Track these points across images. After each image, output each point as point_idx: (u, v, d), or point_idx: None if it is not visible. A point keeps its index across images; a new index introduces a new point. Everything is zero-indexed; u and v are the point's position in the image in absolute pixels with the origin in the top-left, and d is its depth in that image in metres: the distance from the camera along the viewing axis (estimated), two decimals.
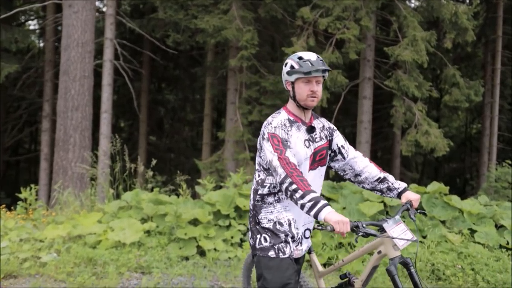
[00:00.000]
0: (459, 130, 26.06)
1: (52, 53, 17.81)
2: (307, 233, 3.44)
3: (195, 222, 7.34)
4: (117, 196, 8.72)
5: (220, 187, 12.28)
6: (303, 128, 3.31)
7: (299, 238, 3.35)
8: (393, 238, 3.15)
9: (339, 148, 3.56)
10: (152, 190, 8.53)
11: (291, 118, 3.30)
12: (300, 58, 3.21)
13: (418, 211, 3.50)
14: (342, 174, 3.66)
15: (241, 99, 14.56)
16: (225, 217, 7.48)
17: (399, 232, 3.21)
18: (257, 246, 3.30)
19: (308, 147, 3.28)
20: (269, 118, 3.31)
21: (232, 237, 7.21)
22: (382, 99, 17.91)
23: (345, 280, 3.69)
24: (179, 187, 8.54)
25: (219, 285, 5.90)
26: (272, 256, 3.23)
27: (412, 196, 3.43)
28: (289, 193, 3.01)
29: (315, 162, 3.34)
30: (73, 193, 9.10)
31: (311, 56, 3.22)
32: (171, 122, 25.29)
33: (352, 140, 19.92)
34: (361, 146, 13.81)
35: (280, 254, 3.23)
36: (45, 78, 17.69)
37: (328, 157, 3.53)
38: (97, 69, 13.75)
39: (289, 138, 3.20)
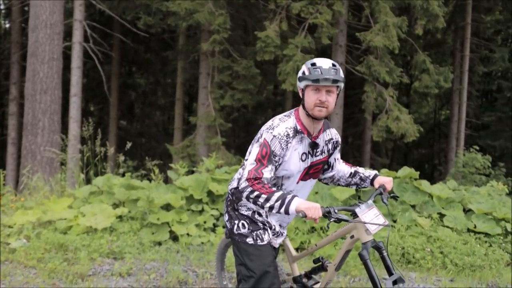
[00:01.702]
0: (428, 116, 26.45)
1: (19, 35, 17.41)
2: (281, 230, 3.44)
3: (167, 207, 7.30)
4: (88, 181, 8.59)
5: (192, 172, 12.23)
6: (307, 141, 3.18)
7: (275, 230, 3.36)
8: (365, 223, 3.17)
9: (333, 162, 3.54)
10: (123, 175, 8.43)
11: (298, 128, 3.15)
12: (313, 64, 3.04)
13: (391, 195, 3.54)
14: (318, 179, 3.63)
15: (213, 84, 14.48)
16: (198, 202, 7.45)
17: (371, 216, 3.23)
18: (235, 232, 3.29)
19: (304, 161, 3.19)
20: (275, 121, 3.17)
21: (205, 222, 7.19)
22: (353, 85, 18.02)
23: (318, 264, 3.72)
24: (151, 172, 8.47)
25: (192, 269, 5.88)
26: (250, 242, 3.23)
27: (384, 180, 3.45)
28: (251, 200, 2.98)
29: (307, 175, 3.28)
30: (42, 178, 8.95)
31: (324, 63, 3.03)
32: (142, 106, 25.03)
33: None
34: None
35: (258, 241, 3.24)
36: (11, 60, 17.32)
37: (322, 171, 3.49)
38: (66, 51, 13.46)
39: (284, 153, 3.08)
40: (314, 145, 3.22)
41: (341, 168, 3.59)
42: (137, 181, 7.94)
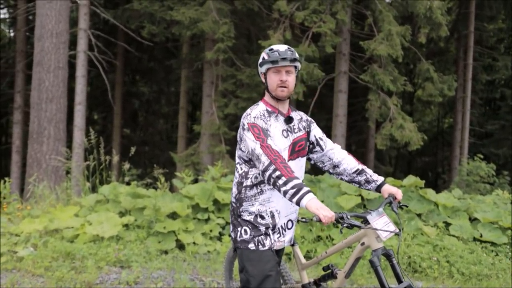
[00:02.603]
0: (431, 124, 26.44)
1: (24, 43, 17.47)
2: (290, 224, 3.45)
3: (173, 215, 7.31)
4: (93, 190, 8.61)
5: (196, 181, 12.25)
6: (281, 118, 3.37)
7: (280, 229, 3.37)
8: (377, 230, 3.19)
9: (317, 140, 3.62)
10: (129, 183, 8.45)
11: (269, 109, 3.36)
12: (270, 49, 3.29)
13: (400, 204, 3.56)
14: (321, 166, 3.70)
15: (217, 92, 14.52)
16: (204, 210, 7.46)
17: (382, 224, 3.25)
18: (238, 239, 3.33)
19: (286, 137, 3.34)
20: (248, 110, 3.35)
21: (211, 231, 7.20)
22: (357, 93, 18.05)
23: (328, 272, 3.73)
24: (156, 180, 8.48)
25: (199, 278, 5.89)
26: (252, 248, 3.26)
27: (393, 190, 3.49)
28: (272, 180, 3.02)
29: (294, 153, 3.38)
30: (48, 186, 8.96)
31: (280, 47, 3.30)
32: (146, 114, 25.06)
33: (327, 133, 19.92)
34: (336, 139, 13.90)
35: (260, 246, 3.26)
36: (16, 69, 17.37)
37: (307, 149, 3.58)
38: (71, 60, 13.53)
39: (269, 128, 3.26)
40: (289, 120, 3.39)
41: (345, 159, 3.62)
42: (143, 189, 7.96)
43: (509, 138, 20.87)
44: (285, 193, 2.97)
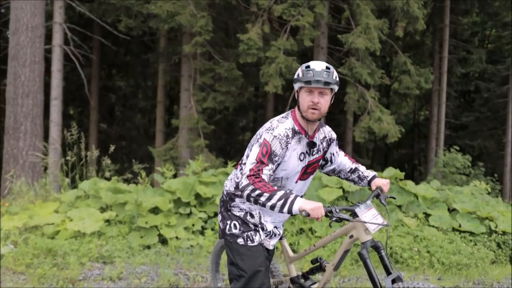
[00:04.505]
0: (407, 117, 26.74)
1: None
2: (276, 230, 3.46)
3: (155, 210, 7.27)
4: (72, 185, 8.51)
5: (175, 175, 12.19)
6: (304, 141, 3.23)
7: (269, 231, 3.38)
8: (366, 222, 3.22)
9: (331, 157, 3.59)
10: (109, 178, 8.37)
11: (296, 128, 3.19)
12: (307, 66, 3.10)
13: (388, 196, 3.60)
14: (319, 169, 3.68)
15: (195, 86, 14.45)
16: (186, 205, 7.44)
17: (370, 217, 3.27)
18: (227, 232, 3.32)
19: (302, 161, 3.24)
20: (274, 122, 3.20)
21: (193, 225, 7.18)
22: None
23: (316, 264, 3.75)
24: (136, 175, 8.42)
25: (183, 272, 5.88)
26: (241, 243, 3.26)
27: (381, 182, 3.52)
28: (252, 199, 2.98)
29: (305, 174, 3.33)
30: (26, 183, 8.82)
31: (317, 65, 3.09)
32: (123, 109, 24.82)
33: None
34: None
35: (249, 242, 3.26)
36: None
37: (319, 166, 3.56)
38: (46, 54, 13.30)
39: (284, 153, 3.12)
40: (311, 145, 3.27)
41: (343, 160, 3.66)
42: (123, 184, 7.90)
43: (483, 130, 21.24)
44: (272, 207, 2.93)
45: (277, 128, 3.13)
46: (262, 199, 2.93)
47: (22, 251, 6.08)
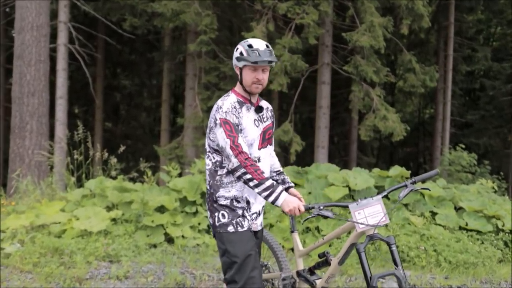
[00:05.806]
0: (412, 115, 26.62)
1: (2, 37, 17.19)
2: (261, 210, 3.62)
3: (161, 209, 7.28)
4: (78, 184, 8.52)
5: (181, 174, 12.19)
6: (252, 108, 3.47)
7: (255, 213, 3.52)
8: (348, 220, 3.38)
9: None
10: (115, 177, 8.38)
11: (240, 100, 3.44)
12: (250, 46, 3.34)
13: (418, 188, 3.71)
14: None
15: (200, 85, 14.44)
16: (192, 203, 7.45)
17: (366, 214, 3.31)
18: (217, 224, 3.42)
19: (257, 127, 3.48)
20: (219, 102, 3.41)
21: (199, 224, 7.19)
22: (339, 84, 18.09)
23: (323, 258, 3.80)
24: (141, 174, 8.43)
25: (190, 271, 5.89)
26: (231, 230, 3.37)
27: (296, 193, 3.71)
28: (242, 180, 3.24)
29: (264, 141, 3.55)
30: (32, 182, 8.84)
31: (260, 45, 3.34)
32: (128, 108, 24.84)
33: (310, 125, 20.05)
34: (320, 131, 13.93)
35: (239, 228, 3.39)
36: None
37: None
38: (51, 53, 13.32)
39: (241, 121, 3.36)
40: (259, 109, 3.51)
41: (273, 158, 3.84)
42: (129, 183, 7.91)
43: (489, 128, 21.14)
44: (259, 193, 3.23)
45: (224, 105, 3.37)
46: (251, 184, 3.21)
47: (29, 250, 6.10)
